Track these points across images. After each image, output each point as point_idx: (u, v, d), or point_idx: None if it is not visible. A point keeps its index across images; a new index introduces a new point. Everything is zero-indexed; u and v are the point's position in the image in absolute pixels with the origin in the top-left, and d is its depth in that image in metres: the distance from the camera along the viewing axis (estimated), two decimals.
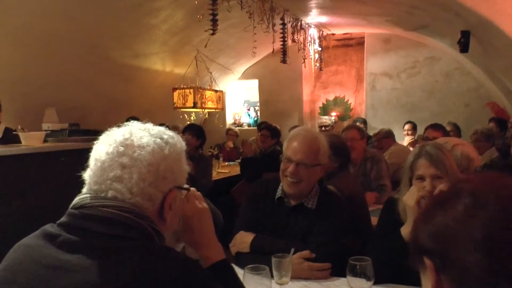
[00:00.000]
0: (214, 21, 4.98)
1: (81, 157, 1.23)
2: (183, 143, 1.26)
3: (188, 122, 6.88)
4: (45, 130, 3.87)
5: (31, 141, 3.14)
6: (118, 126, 1.20)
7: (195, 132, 5.31)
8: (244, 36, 6.32)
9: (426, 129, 5.07)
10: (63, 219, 1.12)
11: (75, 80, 5.81)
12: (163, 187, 1.16)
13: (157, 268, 1.03)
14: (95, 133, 1.23)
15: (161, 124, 1.26)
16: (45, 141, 3.33)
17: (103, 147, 1.14)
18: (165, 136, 1.20)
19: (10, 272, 1.08)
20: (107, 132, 1.19)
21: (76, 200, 1.14)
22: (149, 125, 1.22)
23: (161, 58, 7.11)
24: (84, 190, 1.16)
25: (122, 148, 1.12)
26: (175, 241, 1.39)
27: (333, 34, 8.78)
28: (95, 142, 1.20)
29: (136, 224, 1.09)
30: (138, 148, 1.13)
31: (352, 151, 3.54)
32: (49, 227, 1.12)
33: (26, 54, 4.98)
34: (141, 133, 1.17)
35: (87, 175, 1.15)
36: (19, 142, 3.15)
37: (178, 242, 1.42)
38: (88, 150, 1.18)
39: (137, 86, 7.19)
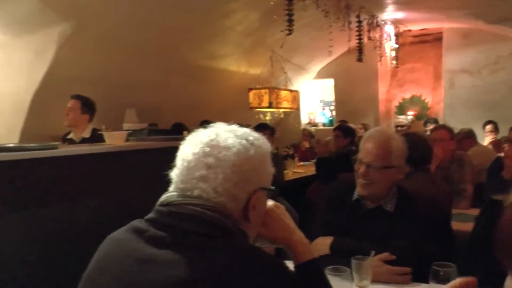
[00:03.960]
0: (290, 21, 4.99)
1: (161, 156, 1.26)
2: (269, 145, 1.26)
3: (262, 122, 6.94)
4: (127, 130, 4.02)
5: (114, 140, 3.27)
6: (205, 127, 1.22)
7: (268, 131, 5.37)
8: (318, 35, 6.30)
9: (511, 129, 4.79)
10: (150, 215, 1.16)
11: (152, 81, 6.01)
12: (247, 188, 1.17)
13: (245, 267, 1.03)
14: (173, 133, 1.25)
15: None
16: (126, 140, 3.46)
17: (190, 148, 1.17)
18: (251, 138, 1.21)
19: (103, 262, 1.14)
20: (193, 133, 1.22)
21: (164, 197, 1.17)
22: (235, 127, 1.23)
23: (235, 59, 7.21)
24: (171, 188, 1.19)
25: (208, 148, 1.15)
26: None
27: (410, 30, 8.53)
28: (179, 141, 1.22)
29: (220, 223, 1.10)
30: (223, 149, 1.15)
31: (441, 152, 3.40)
32: (137, 222, 1.16)
33: (107, 58, 5.22)
34: (226, 134, 1.19)
35: (174, 174, 1.19)
36: (104, 141, 3.30)
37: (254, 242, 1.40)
38: (166, 149, 1.21)
39: (212, 86, 7.34)
